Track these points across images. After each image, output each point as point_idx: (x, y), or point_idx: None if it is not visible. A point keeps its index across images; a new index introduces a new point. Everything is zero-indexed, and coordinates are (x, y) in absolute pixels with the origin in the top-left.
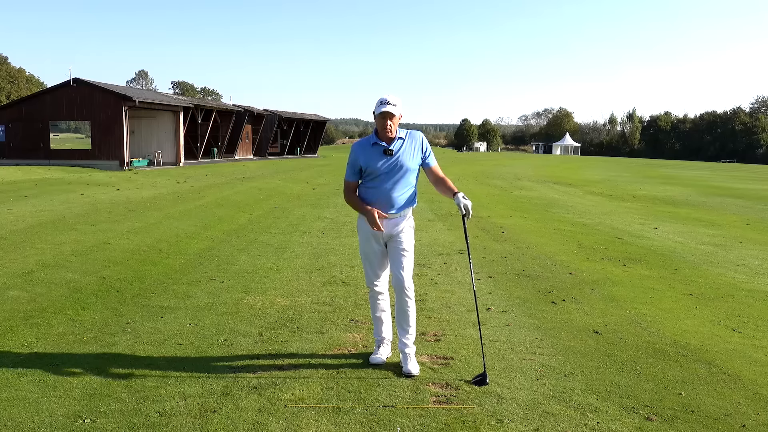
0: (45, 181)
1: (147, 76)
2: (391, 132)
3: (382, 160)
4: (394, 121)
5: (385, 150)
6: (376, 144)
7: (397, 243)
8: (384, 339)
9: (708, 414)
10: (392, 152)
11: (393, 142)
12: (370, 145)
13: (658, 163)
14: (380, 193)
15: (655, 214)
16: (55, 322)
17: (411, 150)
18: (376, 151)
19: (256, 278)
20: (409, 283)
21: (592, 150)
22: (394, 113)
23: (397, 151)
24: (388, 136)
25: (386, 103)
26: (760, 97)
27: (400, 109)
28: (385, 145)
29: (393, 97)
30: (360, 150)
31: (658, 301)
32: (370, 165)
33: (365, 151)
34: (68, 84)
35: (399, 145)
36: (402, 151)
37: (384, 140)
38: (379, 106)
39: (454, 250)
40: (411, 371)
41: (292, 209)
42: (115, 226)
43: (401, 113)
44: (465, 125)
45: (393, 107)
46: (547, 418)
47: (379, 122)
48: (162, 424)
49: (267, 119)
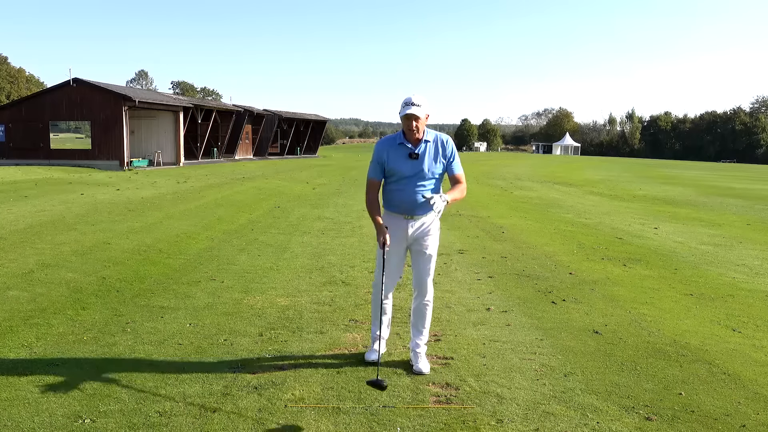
0: (45, 181)
1: (147, 76)
2: (417, 133)
3: (407, 163)
4: (420, 122)
5: (410, 153)
6: (402, 145)
7: (422, 246)
8: (380, 336)
9: (708, 414)
10: (417, 156)
11: (419, 144)
12: (396, 144)
13: (658, 163)
14: (404, 195)
15: (655, 214)
16: (55, 322)
17: (436, 155)
18: (402, 153)
19: (256, 278)
20: (431, 286)
21: (592, 150)
22: (419, 115)
23: (422, 154)
24: (415, 138)
25: (410, 104)
26: (760, 97)
27: (427, 109)
28: (411, 148)
29: (418, 96)
30: (385, 148)
31: (658, 301)
32: (395, 166)
33: (391, 151)
34: (68, 84)
35: (424, 149)
36: (427, 155)
37: (411, 141)
38: (404, 108)
39: (454, 250)
40: (422, 370)
41: (292, 209)
42: (115, 226)
43: (428, 113)
44: (465, 125)
45: (418, 108)
46: (547, 418)
47: (404, 124)
48: (162, 424)
49: (267, 119)
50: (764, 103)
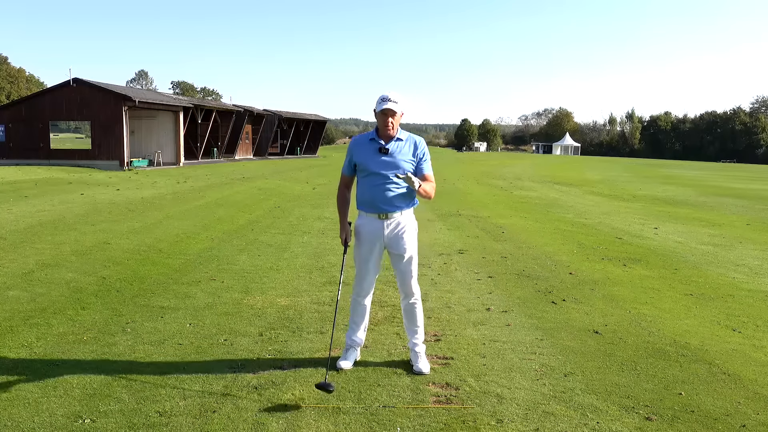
0: (45, 181)
1: (147, 76)
2: (391, 129)
3: (375, 158)
4: (395, 118)
5: (380, 148)
6: (374, 140)
7: (400, 248)
8: (355, 343)
9: (708, 414)
10: (388, 151)
11: (391, 141)
12: (367, 140)
13: (658, 163)
14: (375, 192)
15: (655, 214)
16: (55, 322)
17: (408, 153)
18: (372, 148)
19: (256, 278)
20: (416, 287)
21: (592, 150)
22: (395, 110)
23: (393, 151)
24: (388, 134)
25: (387, 100)
26: (760, 97)
27: (403, 107)
28: (381, 143)
29: (395, 94)
30: (356, 145)
31: (658, 301)
32: (363, 161)
33: (361, 147)
34: (68, 84)
35: (396, 146)
36: (398, 152)
37: (383, 138)
38: (380, 104)
39: (454, 250)
40: (422, 369)
41: (292, 209)
42: (115, 226)
43: (403, 111)
44: (465, 125)
45: (395, 104)
46: (547, 418)
47: (380, 119)
48: (162, 424)
49: (267, 119)
50: (764, 103)
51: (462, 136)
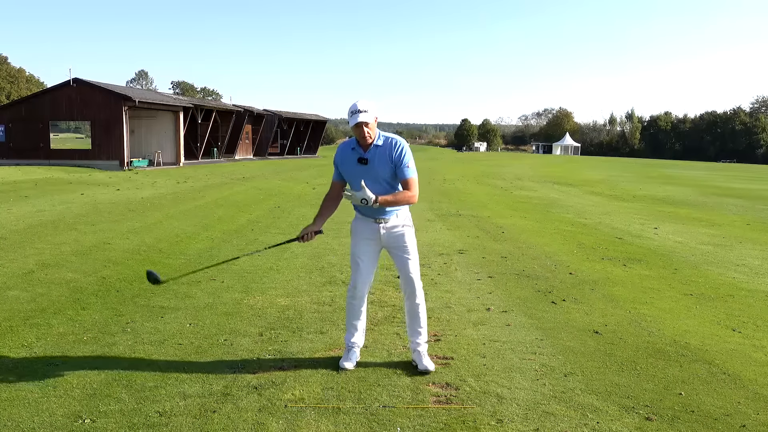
0: (45, 181)
1: (147, 76)
2: (369, 138)
3: (357, 168)
4: (370, 127)
5: (359, 159)
6: (355, 150)
7: (399, 248)
8: (355, 345)
9: (708, 414)
10: (366, 161)
11: (370, 148)
12: (350, 149)
13: (658, 163)
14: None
15: (655, 214)
16: (55, 322)
17: (385, 159)
18: (353, 158)
19: (256, 278)
20: (419, 286)
21: (592, 150)
22: (368, 120)
23: (370, 159)
24: (367, 143)
25: (357, 112)
26: (760, 97)
27: (374, 113)
28: (361, 154)
29: (363, 102)
30: (340, 154)
31: (658, 301)
32: (346, 171)
33: (345, 156)
34: (68, 84)
35: (374, 153)
36: (376, 160)
37: (363, 147)
38: (352, 117)
39: (454, 250)
40: (428, 367)
41: (292, 209)
42: (115, 226)
43: (376, 116)
44: (465, 125)
45: (366, 114)
46: (547, 418)
47: (356, 132)
48: (162, 424)
49: (267, 119)
50: (764, 103)
51: (462, 136)
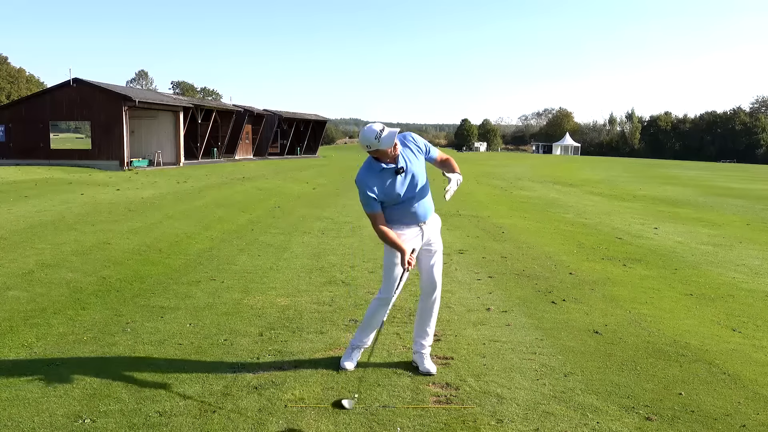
0: (45, 181)
1: (147, 76)
2: (395, 150)
3: (399, 182)
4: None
5: (397, 170)
6: (385, 169)
7: (431, 245)
8: (364, 344)
9: (708, 414)
10: (404, 168)
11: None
12: (378, 172)
13: (658, 163)
14: (418, 208)
15: (655, 214)
16: (55, 322)
17: (414, 155)
18: (389, 175)
19: (256, 278)
20: (440, 285)
21: (592, 150)
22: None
23: (406, 164)
24: (394, 155)
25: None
26: (760, 97)
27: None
28: (393, 166)
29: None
30: (370, 182)
31: (658, 301)
32: (391, 191)
33: (377, 181)
34: (68, 84)
35: (403, 158)
36: (409, 161)
37: (390, 161)
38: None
39: (454, 250)
40: (430, 370)
41: (292, 209)
42: (115, 226)
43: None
44: (465, 125)
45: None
46: (547, 418)
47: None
48: (162, 424)
49: (267, 119)
50: (764, 103)
51: (462, 136)
